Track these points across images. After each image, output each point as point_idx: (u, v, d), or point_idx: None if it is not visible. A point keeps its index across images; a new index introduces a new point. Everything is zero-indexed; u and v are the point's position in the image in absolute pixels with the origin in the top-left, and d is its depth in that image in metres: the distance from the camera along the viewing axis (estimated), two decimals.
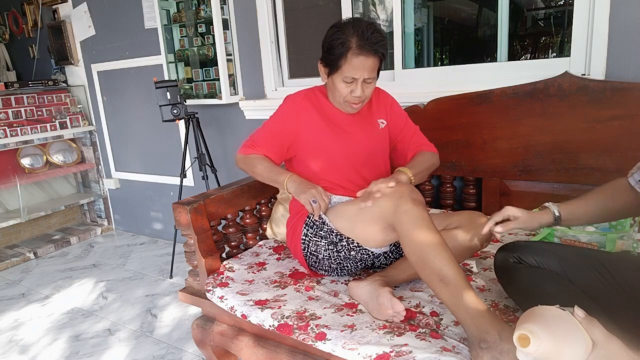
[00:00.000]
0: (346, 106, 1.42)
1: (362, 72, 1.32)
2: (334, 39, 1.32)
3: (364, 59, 1.30)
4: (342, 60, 1.31)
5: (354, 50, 1.29)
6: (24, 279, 2.88)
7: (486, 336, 0.97)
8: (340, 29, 1.32)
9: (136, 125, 3.29)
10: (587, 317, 0.79)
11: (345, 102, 1.40)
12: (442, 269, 1.07)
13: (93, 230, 3.65)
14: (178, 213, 1.47)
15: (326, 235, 1.35)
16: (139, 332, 2.16)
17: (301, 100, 1.47)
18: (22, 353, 2.07)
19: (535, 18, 4.47)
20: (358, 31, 1.29)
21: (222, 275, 1.49)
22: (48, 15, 3.49)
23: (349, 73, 1.32)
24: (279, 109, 1.50)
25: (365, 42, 1.28)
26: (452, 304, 1.05)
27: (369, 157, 1.49)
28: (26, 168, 3.37)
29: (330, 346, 1.11)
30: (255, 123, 2.61)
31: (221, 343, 1.48)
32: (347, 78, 1.33)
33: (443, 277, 1.06)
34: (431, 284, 1.10)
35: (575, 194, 1.65)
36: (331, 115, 1.47)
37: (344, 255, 1.34)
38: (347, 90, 1.36)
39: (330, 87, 1.43)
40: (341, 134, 1.45)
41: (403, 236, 1.15)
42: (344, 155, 1.45)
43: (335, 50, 1.31)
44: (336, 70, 1.34)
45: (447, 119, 1.84)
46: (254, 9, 2.43)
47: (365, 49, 1.29)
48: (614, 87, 1.52)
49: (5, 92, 3.18)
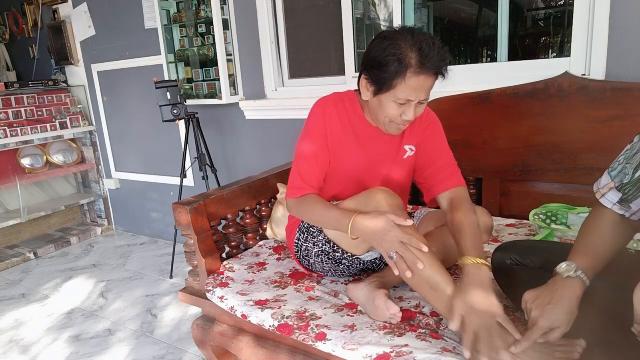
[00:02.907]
0: (391, 127, 1.25)
1: (419, 94, 1.14)
2: (388, 54, 1.11)
3: (424, 79, 1.12)
4: (397, 79, 1.12)
5: (414, 69, 1.10)
6: (24, 279, 2.88)
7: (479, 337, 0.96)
8: (393, 41, 1.12)
9: (136, 125, 3.29)
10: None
11: (391, 123, 1.23)
12: (431, 276, 1.06)
13: (93, 230, 3.65)
14: (178, 213, 1.47)
15: (317, 242, 1.34)
16: (139, 332, 2.16)
17: (329, 107, 1.32)
18: (22, 353, 2.07)
19: (535, 18, 4.47)
20: (418, 46, 1.10)
21: (222, 275, 1.49)
22: (48, 15, 3.49)
23: (403, 94, 1.14)
24: (309, 119, 1.33)
25: (427, 60, 1.09)
26: (442, 309, 1.06)
27: (382, 183, 1.33)
28: (26, 168, 3.37)
29: (330, 346, 1.11)
30: (255, 123, 2.61)
31: (221, 343, 1.48)
32: (400, 99, 1.15)
33: (432, 284, 1.06)
34: (421, 291, 1.10)
35: (575, 193, 1.66)
36: (357, 128, 1.32)
37: (336, 261, 1.33)
38: (397, 111, 1.18)
39: (374, 106, 1.23)
40: (360, 150, 1.32)
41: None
42: (353, 172, 1.34)
43: (390, 68, 1.11)
44: (387, 89, 1.15)
45: (447, 119, 1.82)
46: (254, 9, 2.43)
47: (426, 68, 1.10)
48: (614, 87, 1.52)
49: (5, 92, 3.18)
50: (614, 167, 0.98)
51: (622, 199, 0.95)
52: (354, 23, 2.24)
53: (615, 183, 0.96)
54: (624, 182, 0.95)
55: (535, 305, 0.93)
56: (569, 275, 0.93)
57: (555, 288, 0.93)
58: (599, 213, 1.00)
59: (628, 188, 0.94)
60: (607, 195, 0.98)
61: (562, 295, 0.91)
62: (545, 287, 0.95)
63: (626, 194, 0.95)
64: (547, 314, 0.90)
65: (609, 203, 0.98)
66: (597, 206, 1.02)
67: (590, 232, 1.00)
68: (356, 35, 2.25)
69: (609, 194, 0.98)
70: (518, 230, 1.64)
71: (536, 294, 0.95)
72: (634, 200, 0.94)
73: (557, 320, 0.90)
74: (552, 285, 0.94)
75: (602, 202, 0.99)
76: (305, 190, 1.28)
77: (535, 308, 0.92)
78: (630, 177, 0.93)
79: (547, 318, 0.90)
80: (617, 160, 0.99)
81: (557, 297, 0.91)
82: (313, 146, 1.30)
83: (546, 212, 1.60)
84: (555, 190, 1.71)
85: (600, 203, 1.00)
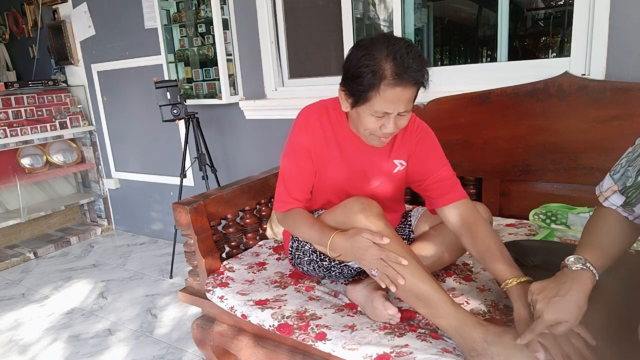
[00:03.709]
0: (372, 139, 1.19)
1: (397, 106, 1.07)
2: (361, 65, 1.05)
3: (401, 91, 1.05)
4: (372, 92, 1.05)
5: (388, 81, 1.03)
6: (24, 279, 2.88)
7: (473, 344, 0.96)
8: (368, 51, 1.05)
9: (136, 125, 3.29)
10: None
11: (372, 136, 1.17)
12: (415, 286, 1.04)
13: (93, 230, 3.65)
14: (178, 213, 1.47)
15: (306, 252, 1.33)
16: (139, 332, 2.16)
17: (312, 120, 1.27)
18: (22, 353, 2.07)
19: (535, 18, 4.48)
20: (393, 55, 1.03)
21: (222, 275, 1.49)
22: (48, 15, 3.49)
23: (380, 107, 1.07)
24: (292, 132, 1.29)
25: (403, 70, 1.02)
26: (433, 318, 1.05)
27: (371, 196, 1.25)
28: (26, 168, 3.37)
29: (330, 346, 1.11)
30: (255, 123, 2.61)
31: (221, 343, 1.48)
32: (377, 112, 1.09)
33: (418, 294, 1.05)
34: (408, 301, 1.09)
35: (575, 194, 1.66)
36: (341, 141, 1.26)
37: (326, 268, 1.33)
38: (376, 124, 1.12)
39: (354, 118, 1.18)
40: (344, 164, 1.27)
41: None
42: (339, 185, 1.29)
43: (364, 80, 1.05)
44: (364, 102, 1.09)
45: (447, 119, 1.84)
46: (254, 9, 2.43)
47: (403, 79, 1.03)
48: (614, 87, 1.52)
49: (5, 92, 3.18)
50: (616, 170, 0.97)
51: (625, 202, 0.95)
52: (354, 23, 2.24)
53: (618, 186, 0.95)
54: (627, 185, 0.94)
55: (541, 298, 0.89)
56: (579, 267, 0.89)
57: (563, 280, 0.89)
58: (604, 212, 0.99)
59: (631, 191, 0.93)
60: (611, 199, 0.97)
61: (571, 288, 0.87)
62: (553, 280, 0.91)
63: (629, 197, 0.93)
64: (552, 307, 0.86)
65: (613, 206, 0.97)
66: (600, 206, 1.01)
67: (596, 230, 0.97)
68: (356, 35, 2.25)
69: (613, 197, 0.97)
70: (518, 230, 1.64)
71: (543, 286, 0.90)
72: (637, 204, 0.93)
73: (563, 314, 0.85)
74: (560, 277, 0.90)
75: (605, 206, 0.98)
76: (291, 204, 1.27)
77: (541, 300, 0.88)
78: (634, 180, 0.92)
79: (553, 311, 0.86)
80: (620, 163, 0.97)
81: (564, 290, 0.87)
82: (297, 160, 1.27)
83: (546, 212, 1.60)
84: (555, 190, 1.71)
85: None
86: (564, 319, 0.85)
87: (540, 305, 0.88)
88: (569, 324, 0.85)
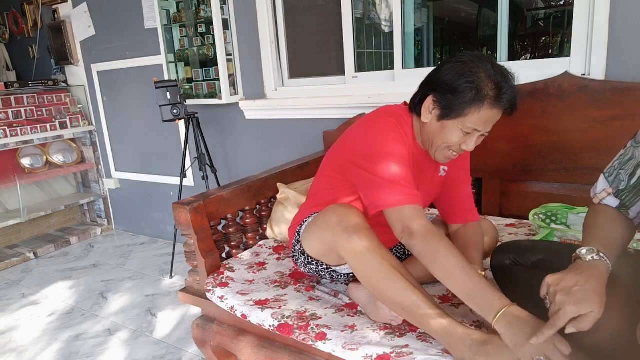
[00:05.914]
0: (442, 154, 1.19)
1: (487, 126, 1.12)
2: (465, 81, 1.07)
3: (497, 113, 1.10)
4: (471, 108, 1.08)
5: (489, 101, 1.07)
6: (24, 279, 2.88)
7: (461, 354, 0.96)
8: (471, 68, 1.08)
9: (136, 125, 3.29)
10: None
11: (445, 149, 1.17)
12: (399, 299, 1.04)
13: (93, 230, 3.65)
14: (178, 213, 1.47)
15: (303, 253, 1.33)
16: (139, 332, 2.16)
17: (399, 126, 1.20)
18: (21, 353, 2.07)
19: (535, 18, 4.48)
20: (496, 78, 1.07)
21: (222, 275, 1.49)
22: (48, 15, 3.49)
23: (472, 124, 1.10)
24: (380, 135, 1.17)
25: (503, 96, 1.07)
26: (421, 327, 1.05)
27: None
28: (26, 168, 3.37)
29: (330, 346, 1.11)
30: (255, 123, 2.61)
31: (221, 343, 1.48)
32: (467, 128, 1.11)
33: (404, 306, 1.04)
34: (396, 312, 1.09)
35: (575, 194, 1.66)
36: (409, 146, 1.22)
37: (322, 271, 1.33)
38: (459, 140, 1.14)
39: (433, 130, 1.17)
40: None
41: (353, 270, 1.11)
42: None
43: (466, 95, 1.07)
44: (457, 116, 1.10)
45: None
46: (254, 9, 2.43)
47: (502, 103, 1.08)
48: (614, 87, 1.52)
49: (5, 92, 3.18)
50: (610, 173, 0.97)
51: (620, 204, 0.94)
52: (354, 23, 2.24)
53: (613, 189, 0.95)
54: (620, 188, 0.94)
55: (560, 288, 0.81)
56: (593, 257, 0.85)
57: (579, 271, 0.83)
58: (600, 209, 0.98)
59: (625, 194, 0.93)
60: (605, 201, 0.97)
61: (590, 277, 0.81)
62: (568, 271, 0.85)
63: (624, 200, 0.93)
64: (575, 297, 0.79)
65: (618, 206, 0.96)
66: (595, 205, 1.01)
67: (597, 224, 0.95)
68: (356, 35, 2.25)
69: (608, 200, 0.96)
70: (518, 230, 1.64)
71: (560, 277, 0.84)
72: (632, 207, 0.93)
73: (588, 304, 0.78)
74: (575, 269, 0.84)
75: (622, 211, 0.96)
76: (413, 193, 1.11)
77: (561, 291, 0.81)
78: (626, 183, 0.92)
79: (576, 301, 0.78)
80: (612, 166, 0.97)
81: (583, 279, 0.81)
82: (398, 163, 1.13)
83: (546, 212, 1.60)
84: (555, 190, 1.71)
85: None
86: (589, 308, 0.78)
87: (560, 297, 0.81)
88: (595, 314, 0.78)
